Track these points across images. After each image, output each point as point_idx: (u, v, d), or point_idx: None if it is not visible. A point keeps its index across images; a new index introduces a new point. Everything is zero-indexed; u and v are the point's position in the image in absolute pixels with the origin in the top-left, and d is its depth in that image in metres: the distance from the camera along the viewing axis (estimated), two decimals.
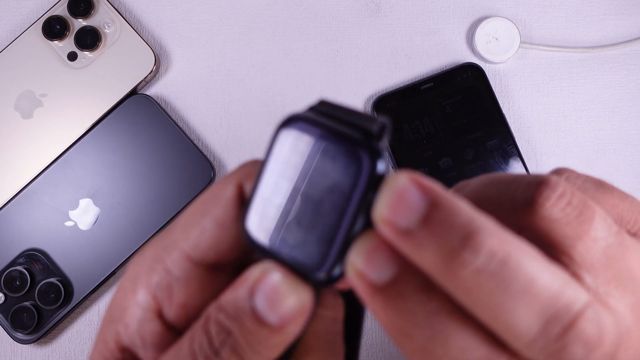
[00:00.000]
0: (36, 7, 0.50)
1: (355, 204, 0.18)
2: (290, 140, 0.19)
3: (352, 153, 0.18)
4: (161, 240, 0.21)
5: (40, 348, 0.47)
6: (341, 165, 0.18)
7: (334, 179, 0.18)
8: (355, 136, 0.18)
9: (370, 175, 0.18)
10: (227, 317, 0.19)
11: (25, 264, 0.46)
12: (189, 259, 0.21)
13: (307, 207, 0.18)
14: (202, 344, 0.19)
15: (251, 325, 0.18)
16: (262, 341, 0.19)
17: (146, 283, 0.21)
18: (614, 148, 0.50)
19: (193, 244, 0.20)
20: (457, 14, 0.50)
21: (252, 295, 0.19)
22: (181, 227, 0.21)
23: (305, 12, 0.50)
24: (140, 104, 0.48)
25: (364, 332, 0.37)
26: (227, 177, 0.21)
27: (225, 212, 0.20)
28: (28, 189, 0.47)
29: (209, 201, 0.21)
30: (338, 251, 0.18)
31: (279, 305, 0.18)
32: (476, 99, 0.48)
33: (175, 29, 0.50)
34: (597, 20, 0.50)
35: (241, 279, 0.19)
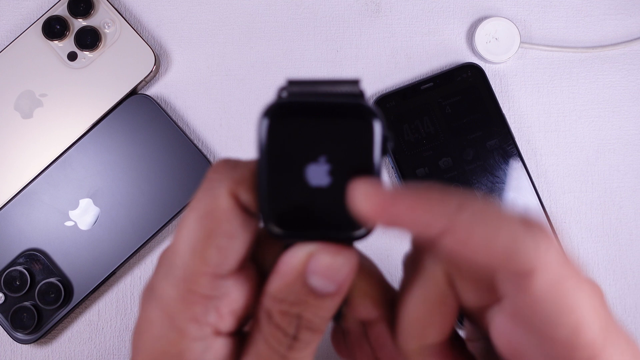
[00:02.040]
0: (36, 7, 0.50)
1: (377, 157, 0.19)
2: (284, 127, 0.19)
3: (358, 117, 0.19)
4: (172, 274, 0.21)
5: (40, 348, 0.47)
6: (352, 131, 0.19)
7: (348, 145, 0.19)
8: (351, 102, 0.20)
9: (381, 129, 0.19)
10: (291, 305, 0.20)
11: (25, 264, 0.46)
12: (219, 277, 0.21)
13: (329, 178, 0.19)
14: (278, 337, 0.20)
15: (315, 302, 0.20)
16: (328, 307, 0.20)
17: (190, 317, 0.21)
18: (614, 148, 0.50)
19: (216, 264, 0.20)
20: (457, 14, 0.50)
21: (306, 279, 0.20)
22: (192, 255, 0.20)
23: (305, 12, 0.50)
24: (140, 104, 0.48)
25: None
26: (209, 187, 0.21)
27: (232, 225, 0.20)
28: (28, 189, 0.47)
29: (209, 219, 0.20)
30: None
31: (334, 278, 0.20)
32: (476, 99, 0.48)
33: (175, 29, 0.50)
34: (597, 20, 0.50)
35: (285, 266, 0.20)
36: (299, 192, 0.20)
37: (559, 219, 0.48)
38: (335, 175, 0.19)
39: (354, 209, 0.20)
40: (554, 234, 0.37)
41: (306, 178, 0.20)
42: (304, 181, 0.20)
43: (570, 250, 0.49)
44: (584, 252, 0.49)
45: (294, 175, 0.20)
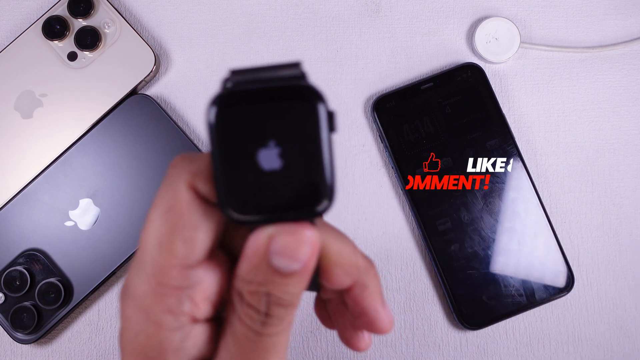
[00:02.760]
0: (36, 7, 0.50)
1: (324, 134, 0.20)
2: (231, 116, 0.20)
3: (301, 99, 0.20)
4: (142, 270, 0.22)
5: (40, 348, 0.47)
6: (296, 113, 0.20)
7: (294, 126, 0.20)
8: (292, 84, 0.20)
9: (325, 108, 0.20)
10: (259, 284, 0.21)
11: (25, 264, 0.46)
12: (188, 267, 0.22)
13: (281, 161, 0.20)
14: (251, 315, 0.21)
15: (282, 280, 0.21)
16: (295, 283, 0.21)
17: (165, 309, 0.22)
18: (614, 148, 0.50)
19: (183, 255, 0.21)
20: (457, 14, 0.50)
21: (269, 260, 0.21)
22: (159, 249, 0.21)
23: (305, 12, 0.50)
24: (140, 104, 0.48)
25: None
26: (169, 183, 0.22)
27: (194, 216, 0.21)
28: (28, 189, 0.47)
29: (172, 213, 0.21)
30: (330, 175, 0.20)
31: (296, 256, 0.21)
32: (476, 99, 0.48)
33: (175, 29, 0.50)
34: (597, 20, 0.50)
35: (248, 250, 0.21)
36: (253, 177, 0.20)
37: (559, 219, 0.49)
38: (286, 157, 0.20)
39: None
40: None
41: (258, 163, 0.20)
42: (256, 166, 0.20)
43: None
44: (584, 252, 0.49)
45: (246, 162, 0.20)
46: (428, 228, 0.47)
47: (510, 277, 0.47)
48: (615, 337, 0.48)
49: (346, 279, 0.24)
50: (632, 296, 0.48)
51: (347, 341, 0.28)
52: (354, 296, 0.25)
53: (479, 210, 0.47)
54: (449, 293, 0.47)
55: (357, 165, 0.49)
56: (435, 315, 0.48)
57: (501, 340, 0.48)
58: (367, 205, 0.49)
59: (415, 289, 0.48)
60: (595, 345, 0.48)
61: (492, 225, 0.47)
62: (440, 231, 0.47)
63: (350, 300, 0.25)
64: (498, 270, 0.47)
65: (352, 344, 0.27)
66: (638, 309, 0.48)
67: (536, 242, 0.47)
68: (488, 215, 0.47)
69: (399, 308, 0.48)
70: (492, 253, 0.47)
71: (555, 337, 0.48)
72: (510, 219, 0.47)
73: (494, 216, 0.47)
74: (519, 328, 0.48)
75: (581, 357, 0.48)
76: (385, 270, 0.48)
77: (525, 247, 0.47)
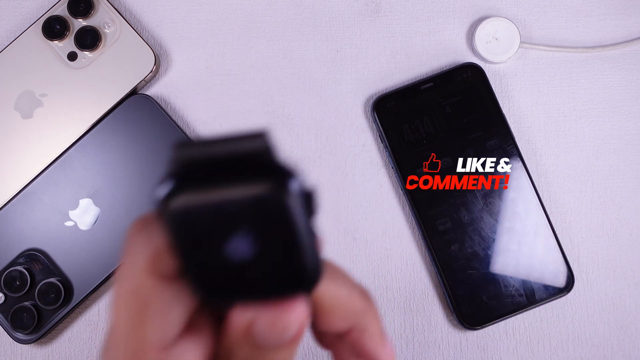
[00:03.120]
0: (36, 7, 0.50)
1: (300, 221, 0.17)
2: (187, 210, 0.17)
3: (265, 182, 0.17)
4: (119, 350, 0.20)
5: (40, 348, 0.47)
6: (263, 199, 0.17)
7: (263, 213, 0.17)
8: (254, 165, 0.17)
9: (299, 188, 0.17)
10: (247, 357, 0.20)
11: (25, 264, 0.46)
12: (166, 347, 0.20)
13: (253, 250, 0.18)
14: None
15: (269, 352, 0.20)
16: (285, 351, 0.20)
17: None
18: (614, 148, 0.50)
19: (158, 338, 0.20)
20: (457, 14, 0.50)
21: (254, 339, 0.19)
22: (132, 334, 0.20)
23: (305, 12, 0.50)
24: (140, 104, 0.48)
25: None
26: (128, 262, 0.20)
27: (162, 298, 0.19)
28: (28, 189, 0.47)
29: (138, 297, 0.19)
30: (312, 263, 0.18)
31: (283, 337, 0.19)
32: (476, 99, 0.48)
33: (175, 29, 0.50)
34: (597, 20, 0.50)
35: (230, 329, 0.20)
36: (223, 267, 0.18)
37: (559, 219, 0.49)
38: (258, 247, 0.17)
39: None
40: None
41: (227, 254, 0.18)
42: (225, 257, 0.18)
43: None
44: (584, 252, 0.49)
45: (213, 255, 0.18)
46: (428, 228, 0.47)
47: (510, 277, 0.47)
48: (615, 337, 0.48)
49: (342, 325, 0.23)
50: (632, 296, 0.48)
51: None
52: (351, 339, 0.23)
53: (479, 210, 0.47)
54: (449, 293, 0.47)
55: (357, 165, 0.49)
56: (435, 315, 0.48)
57: (501, 340, 0.48)
58: (367, 205, 0.49)
59: (415, 289, 0.48)
60: (595, 345, 0.48)
61: (492, 225, 0.47)
62: (440, 231, 0.47)
63: (348, 341, 0.24)
64: (498, 270, 0.47)
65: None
66: (638, 309, 0.48)
67: (536, 242, 0.47)
68: (488, 215, 0.47)
69: (399, 308, 0.48)
70: (492, 253, 0.47)
71: (555, 337, 0.48)
72: (510, 219, 0.47)
73: (494, 216, 0.47)
74: (519, 328, 0.48)
75: (581, 357, 0.48)
76: (385, 270, 0.48)
77: (525, 247, 0.47)
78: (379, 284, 0.48)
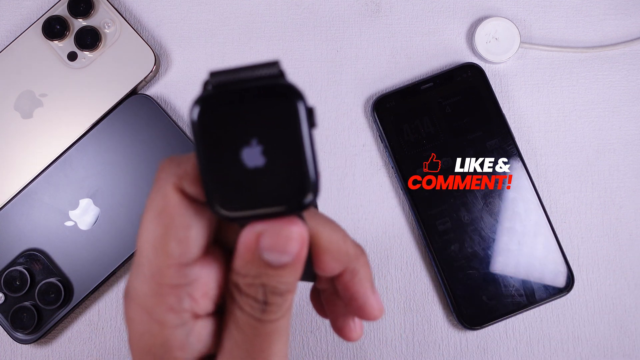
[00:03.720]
0: (36, 7, 0.50)
1: (305, 130, 0.21)
2: (213, 118, 0.21)
3: (280, 97, 0.21)
4: (141, 272, 0.22)
5: (40, 348, 0.47)
6: (276, 110, 0.21)
7: (275, 124, 0.21)
8: (271, 83, 0.21)
9: (304, 104, 0.21)
10: (254, 277, 0.22)
11: (25, 264, 0.46)
12: (184, 266, 0.22)
13: (264, 158, 0.21)
14: (251, 304, 0.22)
15: (275, 272, 0.22)
16: (288, 274, 0.22)
17: (166, 308, 0.22)
18: (614, 148, 0.50)
19: (178, 255, 0.22)
20: (457, 14, 0.50)
21: (260, 255, 0.22)
22: (155, 251, 0.22)
23: (305, 12, 0.50)
24: (140, 104, 0.48)
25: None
26: (158, 186, 0.22)
27: (185, 217, 0.22)
28: (28, 189, 0.47)
29: (163, 216, 0.22)
30: (314, 169, 0.21)
31: (286, 250, 0.21)
32: (476, 99, 0.48)
33: (175, 29, 0.50)
34: (597, 20, 0.50)
35: (240, 246, 0.22)
36: (238, 175, 0.21)
37: (559, 219, 0.49)
38: (268, 154, 0.20)
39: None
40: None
41: (243, 161, 0.20)
42: (241, 164, 0.21)
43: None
44: (584, 252, 0.49)
45: (231, 161, 0.21)
46: (428, 228, 0.47)
47: (510, 277, 0.47)
48: (615, 337, 0.48)
49: (336, 266, 0.25)
50: (632, 296, 0.48)
51: (338, 330, 0.28)
52: (344, 282, 0.26)
53: (479, 210, 0.47)
54: (449, 293, 0.47)
55: (357, 165, 0.49)
56: (435, 315, 0.48)
57: (501, 340, 0.48)
58: (367, 205, 0.49)
59: (415, 289, 0.48)
60: (595, 345, 0.48)
61: (492, 225, 0.47)
62: (440, 231, 0.47)
63: (340, 286, 0.26)
64: (498, 270, 0.47)
65: (343, 333, 0.28)
66: (638, 309, 0.48)
67: (536, 242, 0.47)
68: (488, 215, 0.47)
69: (399, 308, 0.48)
70: (492, 253, 0.47)
71: (555, 337, 0.48)
72: (510, 219, 0.47)
73: (494, 216, 0.47)
74: (519, 328, 0.48)
75: (581, 357, 0.48)
76: (385, 270, 0.48)
77: (525, 247, 0.47)
78: (379, 284, 0.48)
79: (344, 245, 0.25)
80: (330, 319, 0.29)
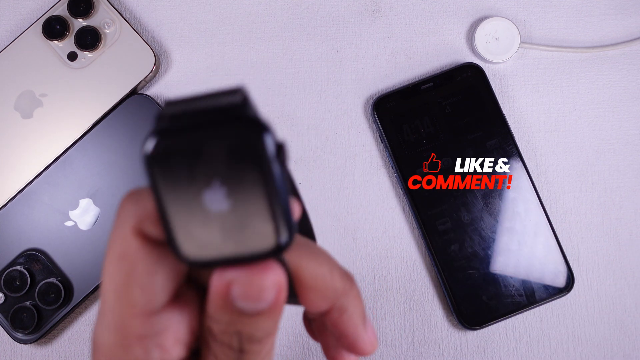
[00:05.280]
0: (36, 7, 0.50)
1: (274, 167, 0.18)
2: (168, 159, 0.18)
3: (242, 131, 0.18)
4: (105, 321, 0.21)
5: (40, 348, 0.47)
6: (239, 147, 0.18)
7: (238, 162, 0.18)
8: (231, 115, 0.18)
9: (272, 137, 0.18)
10: (227, 324, 0.20)
11: (25, 264, 0.46)
12: (150, 315, 0.20)
13: (229, 201, 0.18)
14: (225, 351, 0.21)
15: (249, 320, 0.20)
16: (265, 320, 0.20)
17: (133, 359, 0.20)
18: (614, 148, 0.50)
19: (143, 304, 0.20)
20: (457, 14, 0.50)
21: (233, 304, 0.20)
22: (118, 300, 0.20)
23: (305, 12, 0.50)
24: (140, 104, 0.48)
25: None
26: (117, 227, 0.20)
27: (148, 263, 0.20)
28: (28, 189, 0.47)
29: (124, 262, 0.20)
30: (286, 212, 0.19)
31: (261, 299, 0.20)
32: (476, 99, 0.48)
33: (175, 29, 0.50)
34: (597, 20, 0.50)
35: (213, 293, 0.20)
36: (202, 219, 0.18)
37: (559, 219, 0.49)
38: (233, 197, 0.18)
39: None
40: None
41: (205, 205, 0.18)
42: (203, 208, 0.18)
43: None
44: (584, 252, 0.49)
45: (192, 205, 0.18)
46: (428, 228, 0.47)
47: (510, 277, 0.47)
48: (615, 337, 0.48)
49: (322, 303, 0.23)
50: (632, 296, 0.48)
51: (331, 359, 0.27)
52: (332, 319, 0.24)
53: (479, 210, 0.47)
54: (449, 293, 0.47)
55: (357, 165, 0.49)
56: (435, 315, 0.48)
57: (501, 340, 0.48)
58: (367, 205, 0.49)
59: (415, 289, 0.48)
60: (595, 345, 0.48)
61: (492, 225, 0.47)
62: (440, 231, 0.47)
63: (329, 323, 0.24)
64: (498, 270, 0.47)
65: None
66: (638, 309, 0.48)
67: (536, 242, 0.47)
68: (488, 215, 0.47)
69: (398, 308, 0.48)
70: (492, 253, 0.47)
71: (555, 337, 0.48)
72: (510, 219, 0.47)
73: (494, 216, 0.47)
74: (519, 328, 0.48)
75: (581, 357, 0.48)
76: (385, 270, 0.48)
77: (525, 247, 0.47)
78: (379, 284, 0.48)
79: (330, 281, 0.23)
80: (323, 348, 0.27)
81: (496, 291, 0.47)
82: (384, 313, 0.48)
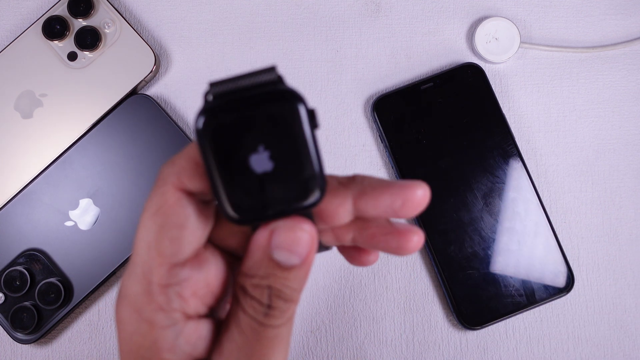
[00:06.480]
0: (36, 7, 0.50)
1: (308, 132, 0.22)
2: (218, 129, 0.21)
3: (281, 102, 0.21)
4: (134, 272, 0.23)
5: (40, 348, 0.47)
6: (279, 115, 0.21)
7: (279, 128, 0.21)
8: (270, 90, 0.21)
9: (305, 107, 0.21)
10: (261, 278, 0.22)
11: (25, 264, 0.46)
12: (175, 265, 0.22)
13: (271, 163, 0.21)
14: (254, 306, 0.22)
15: (282, 273, 0.22)
16: (295, 277, 0.23)
17: (156, 307, 0.22)
18: (614, 148, 0.50)
19: (170, 254, 0.22)
20: (457, 14, 0.50)
21: (271, 254, 0.22)
22: (148, 250, 0.22)
23: (305, 12, 0.50)
24: (140, 104, 0.48)
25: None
26: (156, 187, 0.23)
27: (180, 216, 0.22)
28: (28, 189, 0.47)
29: (159, 214, 0.22)
30: (319, 168, 0.22)
31: (296, 251, 0.22)
32: (476, 98, 0.48)
33: (175, 29, 0.50)
34: (597, 20, 0.50)
35: (252, 245, 0.22)
36: (248, 180, 0.21)
37: (559, 219, 0.49)
38: (275, 158, 0.21)
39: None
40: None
41: (251, 168, 0.21)
42: (250, 171, 0.21)
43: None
44: (584, 252, 0.49)
45: (240, 168, 0.21)
46: (428, 228, 0.47)
47: (510, 277, 0.47)
48: (615, 336, 0.48)
49: (346, 218, 0.24)
50: (632, 296, 0.48)
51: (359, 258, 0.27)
52: (360, 209, 0.24)
53: (479, 210, 0.47)
54: (449, 293, 0.47)
55: (357, 165, 0.49)
56: (435, 315, 0.48)
57: (501, 340, 0.48)
58: None
59: (415, 289, 0.48)
60: (595, 345, 0.48)
61: (492, 225, 0.47)
62: (440, 231, 0.47)
63: (361, 210, 0.24)
64: (498, 270, 0.47)
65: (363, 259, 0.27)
66: (638, 309, 0.48)
67: (536, 242, 0.47)
68: (488, 215, 0.47)
69: (398, 308, 0.48)
70: (492, 253, 0.47)
71: (555, 337, 0.48)
72: (510, 219, 0.47)
73: (494, 216, 0.47)
74: (519, 328, 0.48)
75: (581, 357, 0.48)
76: (385, 270, 0.48)
77: (525, 247, 0.47)
78: (379, 284, 0.48)
79: (343, 209, 0.24)
80: (381, 249, 0.27)
81: (496, 291, 0.47)
82: (384, 313, 0.48)
